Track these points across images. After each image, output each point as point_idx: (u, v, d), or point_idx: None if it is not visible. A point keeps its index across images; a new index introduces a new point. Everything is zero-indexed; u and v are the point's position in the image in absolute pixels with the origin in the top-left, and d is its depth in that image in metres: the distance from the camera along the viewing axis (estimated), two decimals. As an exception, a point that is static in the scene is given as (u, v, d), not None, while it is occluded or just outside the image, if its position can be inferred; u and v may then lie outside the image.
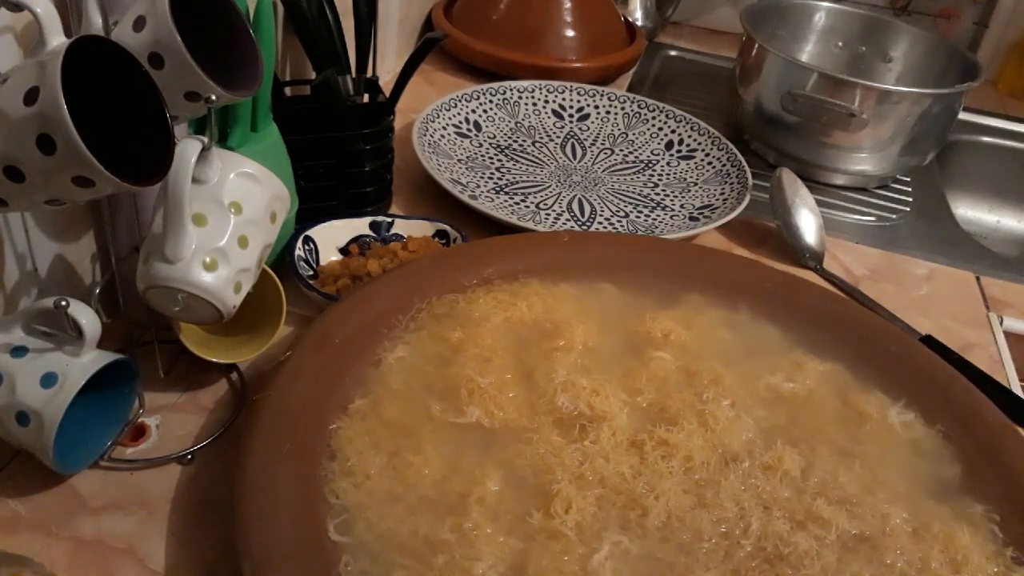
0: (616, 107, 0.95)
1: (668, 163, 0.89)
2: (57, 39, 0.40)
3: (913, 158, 0.90)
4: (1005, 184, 1.14)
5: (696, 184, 0.85)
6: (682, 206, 0.82)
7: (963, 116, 0.76)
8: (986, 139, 1.14)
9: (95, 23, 0.44)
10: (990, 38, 1.27)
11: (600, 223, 0.77)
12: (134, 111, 0.40)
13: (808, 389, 0.55)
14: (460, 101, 0.90)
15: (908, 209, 0.91)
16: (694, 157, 0.89)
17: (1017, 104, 1.24)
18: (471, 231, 0.68)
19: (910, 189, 0.95)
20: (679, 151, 0.90)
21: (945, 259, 0.82)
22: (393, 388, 0.51)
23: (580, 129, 0.93)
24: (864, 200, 0.92)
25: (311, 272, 0.64)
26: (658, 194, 0.83)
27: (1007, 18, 1.25)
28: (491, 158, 0.86)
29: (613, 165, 0.88)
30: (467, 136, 0.88)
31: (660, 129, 0.92)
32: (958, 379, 0.57)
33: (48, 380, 0.43)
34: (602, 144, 0.91)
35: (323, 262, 0.65)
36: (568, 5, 1.05)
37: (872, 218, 0.89)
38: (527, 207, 0.78)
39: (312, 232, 0.65)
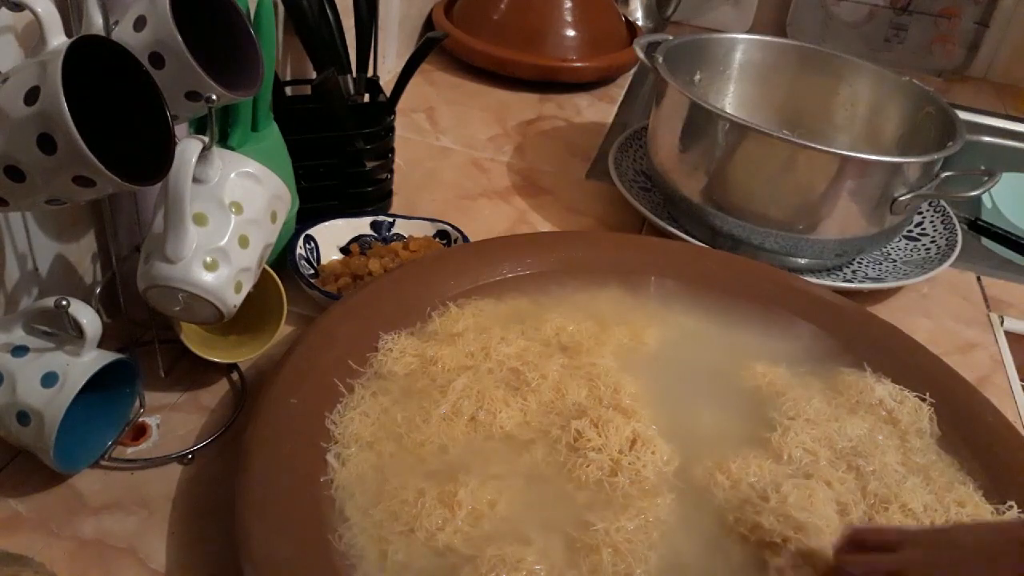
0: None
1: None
2: (58, 39, 0.40)
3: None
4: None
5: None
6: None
7: (963, 116, 0.76)
8: (986, 139, 1.14)
9: (96, 23, 0.44)
10: (991, 38, 1.27)
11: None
12: (135, 111, 0.40)
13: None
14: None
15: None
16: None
17: (1017, 104, 1.24)
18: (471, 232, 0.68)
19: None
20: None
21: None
22: (395, 386, 0.51)
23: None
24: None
25: (312, 271, 0.64)
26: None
27: (1008, 18, 1.26)
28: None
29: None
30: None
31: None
32: None
33: (49, 380, 0.43)
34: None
35: (324, 261, 0.65)
36: (568, 5, 1.05)
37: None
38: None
39: (313, 231, 0.65)
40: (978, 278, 0.80)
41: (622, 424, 0.49)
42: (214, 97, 0.43)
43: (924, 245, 0.79)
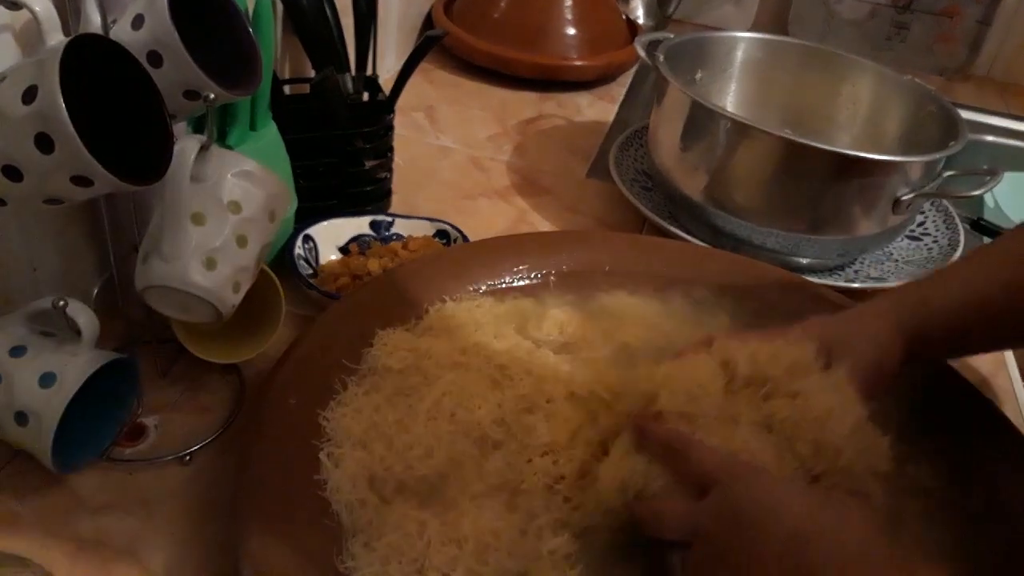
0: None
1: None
2: (55, 37, 0.40)
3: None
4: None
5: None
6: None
7: (964, 115, 0.75)
8: (989, 138, 1.13)
9: (94, 21, 0.44)
10: (993, 37, 1.26)
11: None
12: (133, 110, 0.40)
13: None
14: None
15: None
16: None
17: (1019, 103, 1.23)
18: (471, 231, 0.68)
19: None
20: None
21: (946, 259, 0.82)
22: (388, 384, 0.51)
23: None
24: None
25: (311, 271, 0.64)
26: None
27: (1010, 16, 1.25)
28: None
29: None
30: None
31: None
32: None
33: (47, 380, 0.43)
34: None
35: (323, 261, 0.65)
36: (569, 3, 1.05)
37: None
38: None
39: (312, 231, 0.65)
40: (979, 278, 0.80)
41: (571, 415, 0.48)
42: (212, 96, 0.43)
43: (926, 245, 0.79)
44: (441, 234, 0.68)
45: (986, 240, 0.87)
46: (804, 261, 0.73)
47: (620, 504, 0.43)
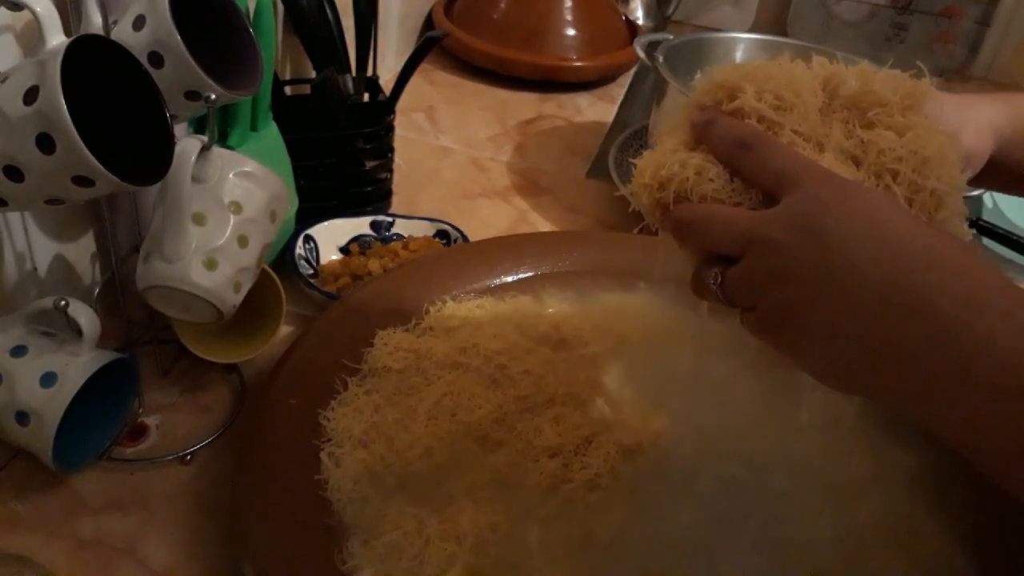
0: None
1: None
2: (57, 38, 0.40)
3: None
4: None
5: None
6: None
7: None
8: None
9: (95, 22, 0.44)
10: (992, 37, 1.26)
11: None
12: (134, 110, 0.40)
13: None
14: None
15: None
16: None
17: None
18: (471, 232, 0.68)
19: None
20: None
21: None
22: (388, 384, 0.51)
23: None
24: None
25: (312, 271, 0.64)
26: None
27: (1009, 17, 1.25)
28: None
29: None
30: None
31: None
32: None
33: (48, 380, 0.43)
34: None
35: (323, 261, 0.65)
36: (569, 4, 1.05)
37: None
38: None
39: (312, 231, 0.65)
40: (979, 278, 0.79)
41: (581, 422, 0.48)
42: (213, 96, 0.43)
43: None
44: (441, 234, 0.68)
45: (985, 240, 0.87)
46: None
47: (654, 205, 0.36)
